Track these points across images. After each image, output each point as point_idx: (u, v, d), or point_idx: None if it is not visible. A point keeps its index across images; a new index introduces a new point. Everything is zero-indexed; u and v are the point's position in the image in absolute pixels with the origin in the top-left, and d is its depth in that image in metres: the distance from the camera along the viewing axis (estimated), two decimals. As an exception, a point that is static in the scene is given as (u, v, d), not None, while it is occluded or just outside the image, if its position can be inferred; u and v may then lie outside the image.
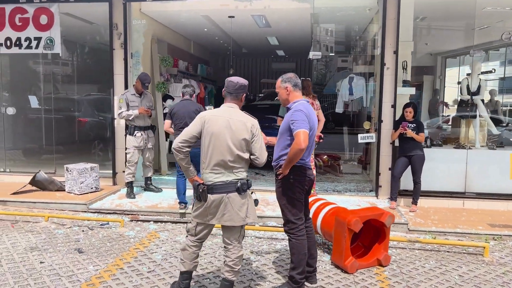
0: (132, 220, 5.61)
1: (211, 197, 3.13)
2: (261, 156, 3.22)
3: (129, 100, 6.45)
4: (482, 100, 7.08)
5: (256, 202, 3.34)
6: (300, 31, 9.50)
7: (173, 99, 8.52)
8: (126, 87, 6.98)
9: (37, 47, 7.31)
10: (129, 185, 6.53)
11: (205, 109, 5.61)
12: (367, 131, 7.15)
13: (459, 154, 6.58)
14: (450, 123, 8.02)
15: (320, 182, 7.56)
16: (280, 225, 5.29)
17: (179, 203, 5.77)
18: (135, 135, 6.45)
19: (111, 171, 7.21)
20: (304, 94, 6.33)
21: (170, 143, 8.17)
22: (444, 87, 9.40)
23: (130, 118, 6.42)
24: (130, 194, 6.45)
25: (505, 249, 4.79)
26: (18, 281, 3.71)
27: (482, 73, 7.58)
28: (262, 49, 12.85)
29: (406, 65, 6.72)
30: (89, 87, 8.40)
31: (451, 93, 8.71)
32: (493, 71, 8.34)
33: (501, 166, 6.46)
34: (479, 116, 7.01)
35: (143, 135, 6.53)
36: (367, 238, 4.43)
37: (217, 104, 10.21)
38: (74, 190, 6.49)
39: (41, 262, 4.14)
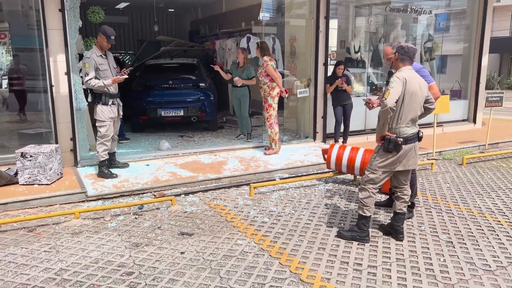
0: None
1: (405, 147, 3.72)
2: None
3: (98, 63, 5.36)
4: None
5: None
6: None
7: None
8: (66, 45, 5.66)
9: None
10: (104, 163, 5.60)
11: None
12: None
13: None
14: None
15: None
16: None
17: None
18: (110, 104, 5.49)
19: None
20: (266, 54, 6.85)
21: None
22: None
23: (104, 88, 5.38)
24: (110, 174, 5.57)
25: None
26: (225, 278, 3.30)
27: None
28: None
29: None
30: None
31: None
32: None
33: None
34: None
35: (116, 104, 5.63)
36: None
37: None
38: (40, 180, 5.09)
39: (181, 253, 3.63)
